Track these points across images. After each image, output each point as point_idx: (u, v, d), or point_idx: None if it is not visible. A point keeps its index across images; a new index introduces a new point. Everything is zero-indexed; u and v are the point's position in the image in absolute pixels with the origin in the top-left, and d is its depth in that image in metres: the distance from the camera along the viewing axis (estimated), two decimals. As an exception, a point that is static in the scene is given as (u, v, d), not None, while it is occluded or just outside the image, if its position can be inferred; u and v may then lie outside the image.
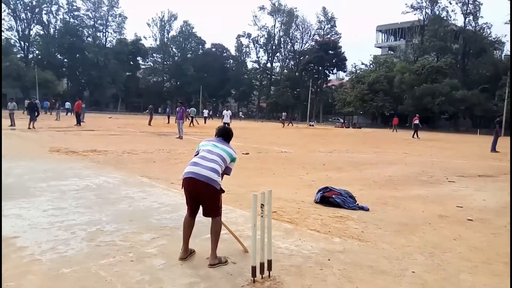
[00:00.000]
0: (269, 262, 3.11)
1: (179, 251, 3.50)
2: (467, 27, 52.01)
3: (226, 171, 3.51)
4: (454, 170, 9.92)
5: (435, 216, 5.27)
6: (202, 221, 4.49)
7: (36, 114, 18.37)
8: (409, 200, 6.22)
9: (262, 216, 3.10)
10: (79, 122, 22.15)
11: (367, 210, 5.40)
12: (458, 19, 53.64)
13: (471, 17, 51.56)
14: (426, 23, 55.07)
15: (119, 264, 3.25)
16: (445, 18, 53.19)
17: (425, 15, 55.90)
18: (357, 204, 5.54)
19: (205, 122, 34.20)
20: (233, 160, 3.54)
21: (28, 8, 62.59)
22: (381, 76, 52.63)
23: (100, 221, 4.38)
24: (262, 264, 3.06)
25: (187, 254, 3.44)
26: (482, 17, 51.73)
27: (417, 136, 24.83)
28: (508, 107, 37.66)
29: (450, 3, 52.44)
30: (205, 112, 39.95)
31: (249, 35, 73.86)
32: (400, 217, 5.14)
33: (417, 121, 25.61)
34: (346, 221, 4.85)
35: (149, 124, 26.46)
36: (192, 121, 29.66)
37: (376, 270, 3.34)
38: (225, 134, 3.69)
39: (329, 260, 3.52)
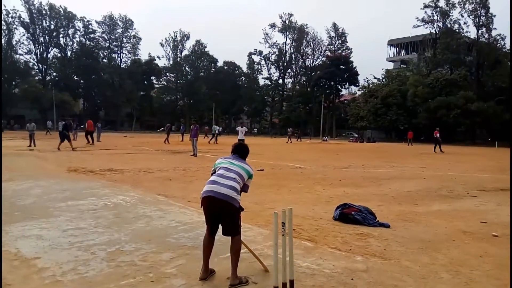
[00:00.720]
0: (291, 282, 3.04)
1: (198, 271, 3.46)
2: (480, 39, 51.58)
3: (244, 188, 3.50)
4: (474, 184, 9.69)
5: (458, 232, 5.13)
6: (221, 240, 4.46)
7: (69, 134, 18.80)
8: (430, 216, 6.07)
9: (283, 235, 3.05)
10: (92, 140, 22.56)
11: (388, 227, 5.28)
12: (471, 31, 53.26)
13: (484, 29, 51.15)
14: (438, 36, 54.85)
15: (139, 285, 3.22)
16: (457, 30, 52.93)
17: (437, 28, 55.75)
18: (378, 221, 5.43)
19: (213, 140, 33.40)
20: (250, 177, 3.53)
21: (46, 32, 64.76)
22: (394, 90, 52.35)
23: (119, 240, 4.39)
24: (284, 284, 2.99)
25: (208, 274, 3.40)
26: (495, 28, 51.21)
27: (440, 150, 24.31)
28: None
29: (462, 16, 52.24)
30: (215, 129, 38.84)
31: (260, 53, 74.67)
32: (422, 234, 5.01)
33: (437, 135, 25.16)
34: (367, 238, 4.74)
35: (166, 142, 26.66)
36: (216, 138, 29.92)
37: (401, 290, 3.24)
38: (241, 151, 3.70)
39: (352, 279, 3.43)
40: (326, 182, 9.69)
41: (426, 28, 56.45)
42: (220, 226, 3.42)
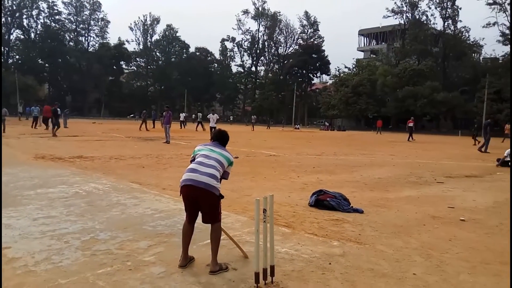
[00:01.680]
0: (272, 267, 3.07)
1: (177, 259, 3.43)
2: (447, 31, 53.35)
3: (224, 175, 3.46)
4: (441, 171, 10.09)
5: (428, 217, 5.33)
6: (199, 227, 4.41)
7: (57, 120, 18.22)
8: (401, 202, 6.28)
9: (264, 221, 3.07)
10: (49, 126, 21.69)
11: (362, 212, 5.42)
12: (438, 23, 54.97)
13: (450, 21, 52.93)
14: (406, 27, 56.17)
15: (117, 273, 3.16)
16: (425, 22, 54.44)
17: (406, 19, 57.07)
18: (352, 207, 5.56)
19: (181, 127, 32.32)
20: (230, 164, 3.50)
21: (8, 12, 61.32)
22: (364, 79, 53.43)
23: (94, 229, 4.27)
24: (264, 270, 3.02)
25: (187, 261, 3.37)
26: (460, 21, 53.17)
27: (412, 138, 25.24)
28: (488, 108, 38.70)
29: (430, 8, 53.73)
30: (182, 116, 36.53)
31: (233, 39, 74.03)
32: (395, 219, 5.17)
33: (411, 124, 26.04)
34: (343, 224, 4.85)
35: (142, 128, 26.02)
36: (200, 125, 29.56)
37: (377, 273, 3.34)
38: (221, 138, 3.65)
39: (330, 264, 3.50)
40: (300, 169, 9.80)
41: (396, 18, 57.78)
42: (200, 214, 3.39)
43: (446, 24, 53.20)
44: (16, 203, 5.21)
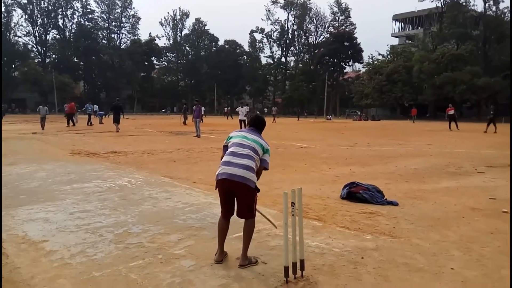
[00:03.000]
0: (302, 261, 3.01)
1: (207, 252, 3.44)
2: (488, 12, 50.45)
3: (263, 164, 3.30)
4: (482, 161, 9.59)
5: (468, 209, 5.07)
6: (230, 220, 4.45)
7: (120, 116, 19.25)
8: (439, 193, 6.01)
9: (293, 215, 3.00)
10: (72, 123, 22.50)
11: (397, 205, 5.23)
12: (478, 4, 52.24)
13: (491, 2, 49.98)
14: (444, 10, 53.65)
15: (148, 266, 3.20)
16: (464, 3, 51.71)
17: (443, 1, 54.46)
18: (386, 199, 5.38)
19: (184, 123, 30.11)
20: (266, 151, 3.32)
21: (44, 13, 63.98)
22: (399, 66, 51.73)
23: (126, 222, 4.36)
24: (294, 264, 2.96)
25: (223, 256, 3.32)
26: (503, 1, 50.06)
27: (457, 127, 23.80)
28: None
29: (469, -12, 50.94)
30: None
31: (262, 30, 73.66)
32: (432, 211, 4.95)
33: (452, 112, 24.57)
34: (376, 217, 4.70)
35: (184, 123, 25.98)
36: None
37: (412, 268, 3.20)
38: (257, 124, 3.49)
39: (362, 258, 3.39)
40: (332, 161, 9.62)
41: (432, 1, 55.32)
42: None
43: (487, 5, 50.34)
44: (54, 198, 5.41)
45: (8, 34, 61.59)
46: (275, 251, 3.52)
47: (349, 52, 65.90)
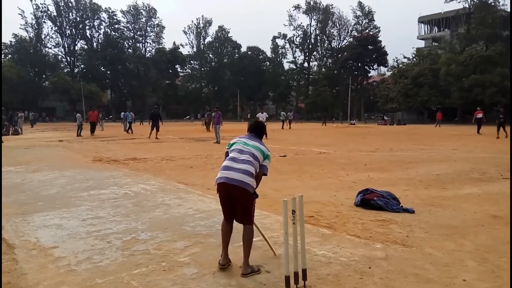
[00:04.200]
0: (304, 271, 2.93)
1: (212, 260, 3.42)
2: (518, 12, 48.49)
3: (262, 169, 3.31)
4: (508, 166, 9.15)
5: (488, 217, 4.84)
6: (236, 228, 4.41)
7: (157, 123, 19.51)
8: (459, 200, 5.77)
9: (294, 223, 2.94)
10: (93, 131, 22.81)
11: (412, 212, 5.05)
12: (507, 4, 50.20)
13: (521, 1, 48.04)
14: (472, 11, 52.00)
15: (151, 273, 3.21)
16: (492, 3, 49.96)
17: (471, 2, 52.80)
18: (401, 206, 5.20)
19: (207, 129, 27.03)
20: (266, 157, 3.33)
21: (73, 24, 66.35)
22: (425, 69, 50.39)
23: (136, 229, 4.40)
24: (296, 273, 2.89)
25: (227, 261, 3.31)
26: (533, -1, 48.05)
27: (478, 132, 22.93)
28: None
29: (498, -13, 49.19)
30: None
31: (284, 36, 73.55)
32: (449, 219, 4.75)
33: (480, 115, 23.65)
34: (389, 225, 4.55)
35: (209, 129, 25.62)
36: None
37: (421, 279, 3.06)
38: (256, 129, 3.49)
39: (369, 268, 3.28)
40: (351, 167, 9.43)
41: (459, 2, 53.59)
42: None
43: (516, 4, 48.45)
44: (70, 204, 5.54)
45: (39, 45, 64.23)
46: (280, 260, 3.45)
47: (373, 56, 64.84)
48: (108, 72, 69.92)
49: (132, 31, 71.71)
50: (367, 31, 67.86)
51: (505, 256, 3.50)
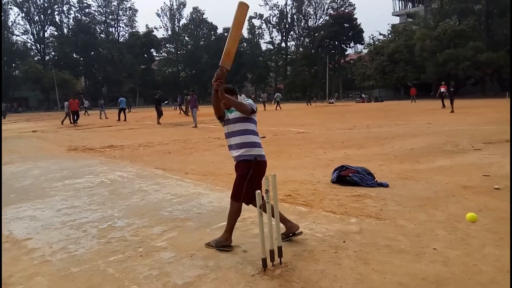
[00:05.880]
0: (279, 248, 2.98)
1: (189, 243, 3.46)
2: (489, -15, 49.18)
3: (245, 108, 3.34)
4: (481, 137, 9.45)
5: (459, 188, 4.99)
6: (215, 210, 4.43)
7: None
8: (432, 172, 5.93)
9: (267, 202, 2.96)
10: (75, 120, 21.51)
11: (387, 186, 5.17)
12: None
13: (492, -26, 48.68)
14: (445, -15, 52.43)
15: (128, 260, 3.19)
16: (464, -23, 50.46)
17: (444, -24, 53.17)
18: (376, 181, 5.31)
19: (186, 113, 26.90)
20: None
21: (41, 10, 63.70)
22: (400, 46, 50.94)
23: (112, 217, 4.36)
24: (272, 252, 2.93)
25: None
26: (504, -27, 48.75)
27: (443, 106, 23.59)
28: None
29: (469, -39, 49.60)
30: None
31: (261, 16, 72.77)
32: (422, 191, 4.89)
33: (443, 89, 24.17)
34: (364, 199, 4.64)
35: (186, 114, 25.50)
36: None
37: (394, 250, 3.15)
38: (227, 92, 3.46)
39: (344, 242, 3.35)
40: (328, 145, 9.54)
41: (432, -23, 54.00)
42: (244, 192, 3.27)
43: (488, -22, 49.07)
44: (44, 195, 5.42)
45: (6, 33, 61.54)
46: (257, 239, 3.48)
47: (350, 34, 65.00)
48: (81, 58, 67.89)
49: (103, 15, 69.52)
50: (342, 8, 67.78)
51: (474, 224, 3.63)
